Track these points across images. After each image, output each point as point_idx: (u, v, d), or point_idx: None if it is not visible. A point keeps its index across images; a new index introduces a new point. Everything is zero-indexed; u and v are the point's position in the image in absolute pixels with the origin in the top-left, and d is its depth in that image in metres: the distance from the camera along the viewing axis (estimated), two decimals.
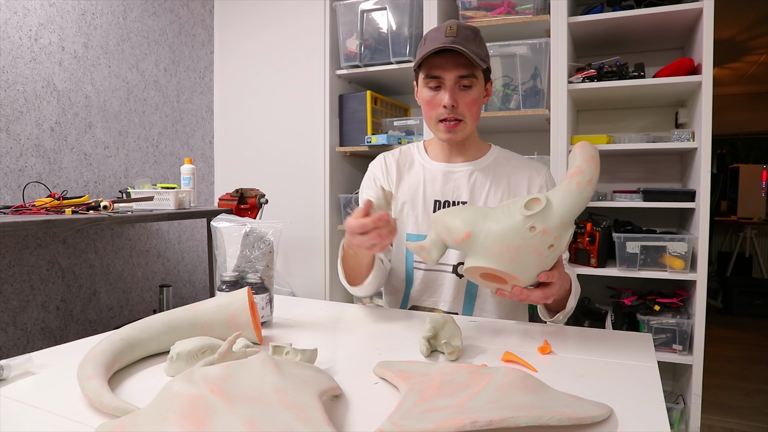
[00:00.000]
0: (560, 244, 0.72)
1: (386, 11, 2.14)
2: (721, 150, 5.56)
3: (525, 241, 0.71)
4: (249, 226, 0.91)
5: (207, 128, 2.60)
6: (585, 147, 0.75)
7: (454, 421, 0.46)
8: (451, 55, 1.02)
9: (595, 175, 0.73)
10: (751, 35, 3.99)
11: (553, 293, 0.81)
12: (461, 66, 1.03)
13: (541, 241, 0.71)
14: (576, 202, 0.72)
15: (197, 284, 2.58)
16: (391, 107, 2.42)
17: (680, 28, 1.97)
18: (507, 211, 0.74)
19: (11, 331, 1.75)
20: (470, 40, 1.03)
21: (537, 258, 0.72)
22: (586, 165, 0.73)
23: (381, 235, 0.80)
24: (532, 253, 0.71)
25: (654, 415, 0.55)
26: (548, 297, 0.80)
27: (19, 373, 0.65)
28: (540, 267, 0.74)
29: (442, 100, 1.05)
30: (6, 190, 1.72)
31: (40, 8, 1.82)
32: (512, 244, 0.71)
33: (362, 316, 1.01)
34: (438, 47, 1.00)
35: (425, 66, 1.06)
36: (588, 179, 0.72)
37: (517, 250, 0.71)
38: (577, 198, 0.72)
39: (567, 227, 0.72)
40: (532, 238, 0.70)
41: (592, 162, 0.74)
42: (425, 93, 1.08)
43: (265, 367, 0.53)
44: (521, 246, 0.71)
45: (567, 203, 0.71)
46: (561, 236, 0.72)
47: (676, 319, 1.85)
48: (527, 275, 0.74)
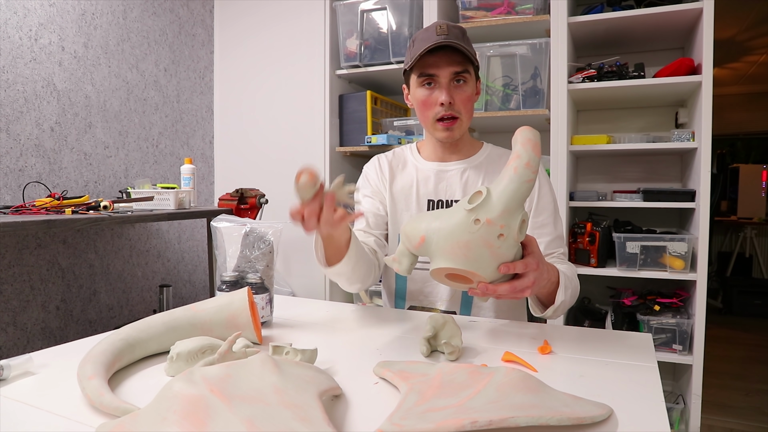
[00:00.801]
0: (510, 233, 0.70)
1: (386, 11, 2.14)
2: (721, 150, 5.56)
3: (472, 235, 0.70)
4: (249, 226, 0.91)
5: (207, 128, 2.60)
6: (522, 131, 0.74)
7: (454, 421, 0.46)
8: (444, 53, 1.03)
9: (532, 158, 0.71)
10: (751, 35, 3.99)
11: (527, 285, 0.77)
12: (455, 63, 1.03)
13: (488, 232, 0.69)
14: (516, 188, 0.70)
15: (197, 284, 2.58)
16: (391, 107, 2.42)
17: (680, 28, 1.97)
18: (454, 209, 0.74)
19: (11, 331, 1.75)
20: (460, 38, 1.04)
21: (489, 250, 0.71)
22: (523, 149, 0.72)
23: (307, 227, 0.73)
24: (483, 246, 0.70)
25: (654, 415, 0.55)
26: (519, 290, 0.76)
27: (19, 373, 0.65)
28: (496, 259, 0.72)
29: (438, 98, 1.05)
30: (6, 190, 1.72)
31: (40, 8, 1.82)
32: (461, 240, 0.70)
33: (362, 316, 1.01)
34: (434, 44, 1.00)
35: (419, 66, 1.05)
36: (525, 162, 0.71)
37: (467, 245, 0.70)
38: (516, 183, 0.70)
39: (512, 214, 0.70)
40: (478, 230, 0.69)
41: (528, 145, 0.72)
42: (420, 93, 1.07)
43: (265, 367, 0.53)
44: (470, 240, 0.70)
45: (507, 190, 0.70)
46: (508, 224, 0.70)
47: (676, 319, 1.85)
48: (485, 269, 0.73)
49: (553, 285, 0.90)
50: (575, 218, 2.17)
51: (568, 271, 0.97)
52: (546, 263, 0.83)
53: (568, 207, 1.98)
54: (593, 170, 2.35)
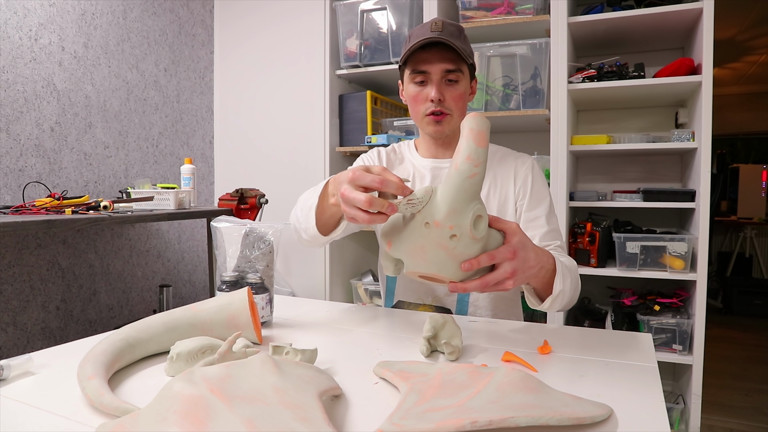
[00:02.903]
0: (463, 232, 0.66)
1: (386, 11, 2.14)
2: (721, 150, 5.56)
3: (425, 238, 0.67)
4: (249, 226, 0.91)
5: (207, 128, 2.60)
6: (466, 120, 0.68)
7: (454, 421, 0.46)
8: (437, 49, 1.02)
9: (473, 150, 0.66)
10: (751, 35, 3.99)
11: (503, 276, 0.72)
12: (447, 60, 1.02)
13: (439, 234, 0.66)
14: (458, 185, 0.66)
15: (197, 284, 2.58)
16: (391, 107, 2.42)
17: (680, 28, 1.97)
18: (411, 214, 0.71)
19: (11, 331, 1.75)
20: (456, 36, 1.02)
21: (444, 252, 0.67)
22: (464, 142, 0.67)
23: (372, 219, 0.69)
24: (437, 248, 0.67)
25: (654, 415, 0.55)
26: (492, 283, 0.72)
27: (19, 373, 0.65)
28: (455, 259, 0.68)
29: (428, 94, 1.04)
30: (6, 190, 1.72)
31: (40, 8, 1.82)
32: (417, 244, 0.68)
33: (362, 316, 1.01)
34: (424, 40, 1.00)
35: (411, 61, 1.05)
36: (465, 156, 0.66)
37: (423, 248, 0.68)
38: (456, 180, 0.66)
39: (460, 213, 0.66)
40: (430, 234, 0.67)
41: (469, 136, 0.67)
42: (411, 89, 1.07)
43: (265, 367, 0.53)
44: (425, 244, 0.68)
45: (449, 189, 0.66)
46: (458, 224, 0.66)
47: (676, 319, 1.85)
48: (448, 270, 0.70)
49: (548, 273, 0.86)
50: (575, 218, 2.17)
51: (567, 262, 0.93)
52: (534, 249, 0.77)
53: (568, 207, 1.98)
54: (593, 170, 2.35)
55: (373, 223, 0.69)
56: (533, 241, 0.86)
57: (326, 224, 0.92)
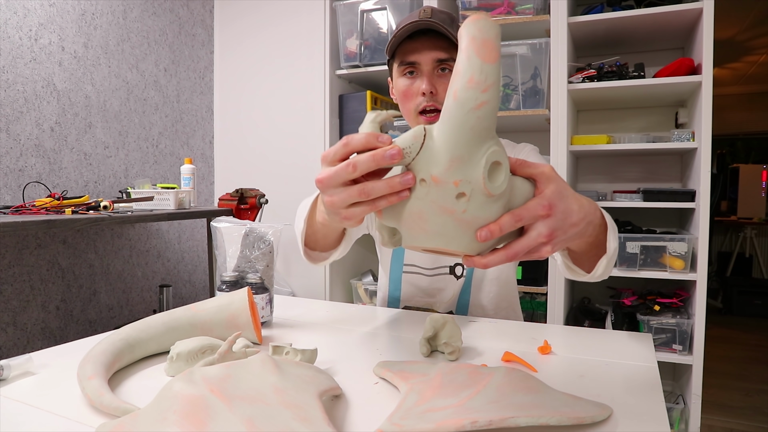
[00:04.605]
0: (473, 188, 0.46)
1: (386, 11, 2.14)
2: (721, 150, 5.56)
3: (423, 201, 0.48)
4: (249, 226, 0.91)
5: (207, 128, 2.60)
6: (466, 26, 0.46)
7: (454, 421, 0.46)
8: (427, 37, 0.93)
9: (477, 67, 0.44)
10: (751, 35, 3.99)
11: (536, 242, 0.50)
12: (439, 49, 0.93)
13: (441, 194, 0.47)
14: (460, 122, 0.45)
15: (197, 284, 2.58)
16: (391, 107, 2.42)
17: (680, 28, 1.97)
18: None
19: (11, 331, 1.75)
20: (447, 23, 0.93)
21: (451, 218, 0.48)
22: (464, 57, 0.45)
23: (368, 191, 0.48)
24: (441, 213, 0.48)
25: (654, 415, 0.55)
26: (518, 254, 0.50)
27: (19, 373, 0.65)
28: (466, 226, 0.48)
29: (419, 88, 0.95)
30: (6, 190, 1.72)
31: (40, 8, 1.82)
32: (413, 210, 0.49)
33: (362, 316, 1.01)
34: (412, 25, 0.91)
35: (399, 53, 0.96)
36: (467, 78, 0.45)
37: (421, 216, 0.49)
38: (458, 116, 0.45)
39: (466, 163, 0.46)
40: (428, 194, 0.47)
41: (471, 47, 0.45)
42: (401, 83, 0.97)
43: (265, 367, 0.53)
44: (423, 210, 0.48)
45: (448, 130, 0.46)
46: (466, 176, 0.46)
47: (676, 319, 1.85)
48: (458, 242, 0.50)
49: (596, 229, 0.63)
50: None
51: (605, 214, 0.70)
52: (576, 198, 0.55)
53: None
54: (593, 170, 2.35)
55: (376, 209, 0.50)
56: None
57: (323, 244, 0.84)
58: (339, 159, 0.48)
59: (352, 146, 0.47)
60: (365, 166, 0.46)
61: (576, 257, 0.70)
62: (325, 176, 0.48)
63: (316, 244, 0.85)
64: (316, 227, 0.80)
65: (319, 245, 0.85)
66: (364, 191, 0.47)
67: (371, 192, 0.47)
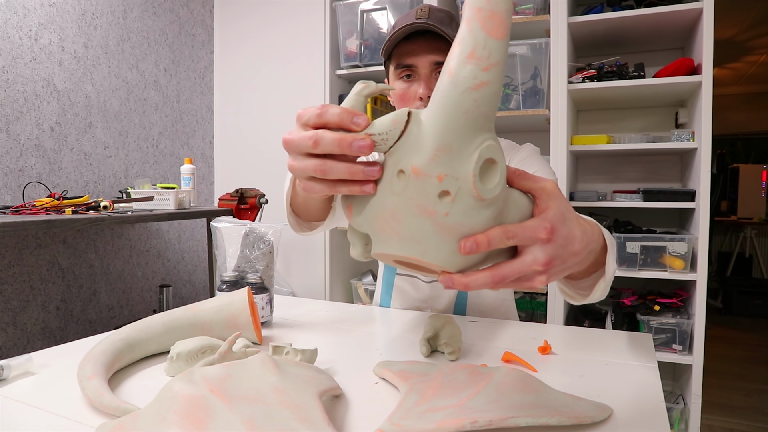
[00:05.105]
0: (460, 186, 0.38)
1: (386, 11, 2.14)
2: (721, 150, 5.56)
3: (399, 197, 0.40)
4: (249, 226, 0.91)
5: (207, 128, 2.60)
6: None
7: (454, 421, 0.46)
8: (424, 39, 0.89)
9: (480, 41, 0.37)
10: (751, 35, 3.99)
11: (525, 271, 0.42)
12: (436, 51, 0.89)
13: (422, 190, 0.38)
14: (453, 104, 0.37)
15: (197, 284, 2.58)
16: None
17: (680, 28, 1.97)
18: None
19: (11, 331, 1.75)
20: (446, 23, 0.89)
21: (430, 221, 0.39)
22: (465, 29, 0.38)
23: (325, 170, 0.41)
24: (418, 214, 0.39)
25: (654, 415, 0.55)
26: (505, 279, 0.42)
27: (19, 373, 0.65)
28: (447, 234, 0.40)
29: (416, 92, 0.91)
30: (6, 190, 1.72)
31: (40, 8, 1.82)
32: (386, 207, 0.41)
33: (362, 316, 1.01)
34: (408, 27, 0.87)
35: (395, 55, 0.93)
36: (467, 53, 0.37)
37: (394, 215, 0.40)
38: (451, 96, 0.37)
39: (455, 154, 0.38)
40: (405, 189, 0.39)
41: (475, 19, 0.38)
42: (398, 86, 0.94)
43: (265, 367, 0.53)
44: (398, 208, 0.40)
45: (437, 112, 0.38)
46: (453, 171, 0.38)
47: (676, 319, 1.85)
48: (435, 253, 0.41)
49: (595, 255, 0.56)
50: None
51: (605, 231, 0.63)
52: (579, 223, 0.47)
53: None
54: (593, 170, 2.35)
55: (336, 192, 0.43)
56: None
57: (304, 212, 0.79)
58: (311, 126, 0.42)
59: (325, 119, 0.41)
60: (328, 147, 0.40)
61: (570, 279, 0.63)
62: (289, 138, 0.42)
63: (299, 210, 0.79)
64: (297, 190, 0.76)
65: (302, 213, 0.80)
66: (322, 168, 0.41)
67: (328, 171, 0.41)
